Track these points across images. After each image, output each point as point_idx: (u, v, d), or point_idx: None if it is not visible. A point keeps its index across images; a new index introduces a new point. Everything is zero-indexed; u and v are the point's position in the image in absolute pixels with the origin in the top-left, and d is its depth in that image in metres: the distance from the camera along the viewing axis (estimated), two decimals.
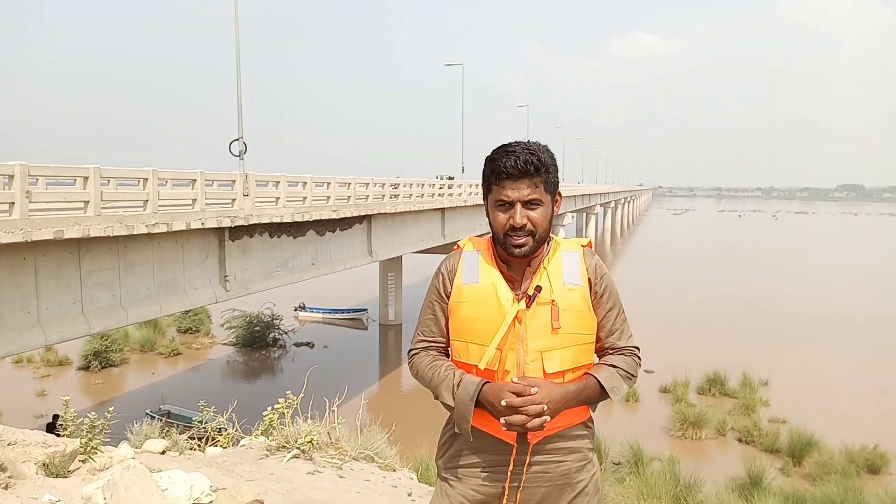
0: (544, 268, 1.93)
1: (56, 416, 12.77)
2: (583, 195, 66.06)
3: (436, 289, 2.03)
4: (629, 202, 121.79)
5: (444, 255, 2.13)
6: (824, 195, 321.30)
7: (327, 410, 5.82)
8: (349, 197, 18.06)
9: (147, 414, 15.85)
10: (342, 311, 32.00)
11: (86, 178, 9.98)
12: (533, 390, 1.77)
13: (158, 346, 25.37)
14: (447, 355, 2.03)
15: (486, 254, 2.00)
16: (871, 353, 24.09)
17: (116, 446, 5.54)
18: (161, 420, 13.50)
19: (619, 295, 2.00)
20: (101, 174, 10.12)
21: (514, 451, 1.90)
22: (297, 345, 26.79)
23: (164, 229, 11.28)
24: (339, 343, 27.54)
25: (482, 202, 2.08)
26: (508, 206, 1.89)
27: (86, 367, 22.50)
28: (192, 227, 12.01)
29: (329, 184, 17.05)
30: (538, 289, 1.88)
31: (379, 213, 20.11)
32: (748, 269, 47.66)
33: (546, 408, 1.75)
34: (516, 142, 1.92)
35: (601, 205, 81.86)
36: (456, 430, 1.93)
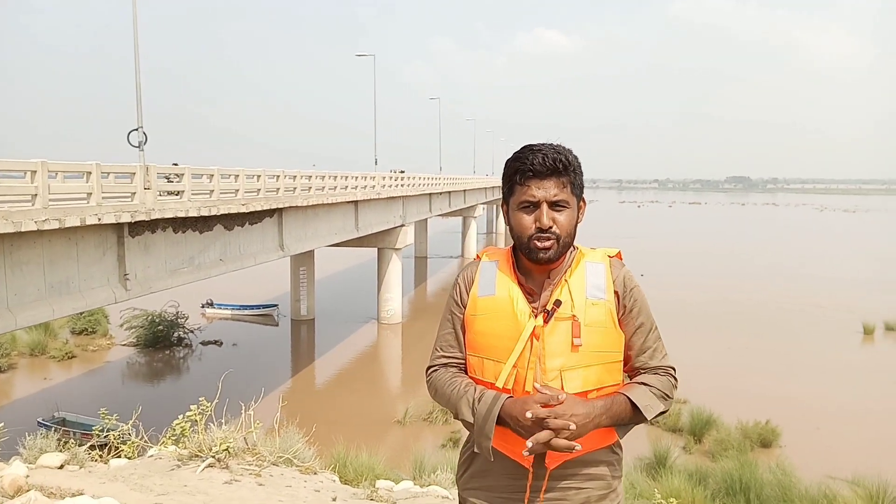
0: (566, 280, 1.81)
1: None
2: (493, 187, 67.12)
3: (453, 300, 1.93)
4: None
5: (358, 248, 2.04)
6: (715, 186, 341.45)
7: (242, 414, 5.59)
8: (259, 190, 17.46)
9: (40, 423, 14.79)
10: (252, 307, 31.05)
11: None
12: (561, 396, 1.65)
13: (50, 349, 23.68)
14: (468, 372, 1.90)
15: (505, 264, 1.89)
16: (754, 336, 25.87)
17: (7, 462, 5.09)
18: (56, 429, 12.62)
19: (650, 310, 1.85)
20: None
21: (531, 476, 1.79)
22: (205, 343, 25.76)
23: (55, 226, 10.48)
24: (249, 340, 26.70)
25: (396, 195, 1.97)
26: (533, 207, 1.77)
27: None
28: (88, 222, 11.21)
29: (237, 176, 16.41)
30: (557, 303, 1.76)
31: (290, 207, 19.58)
32: (648, 259, 50.02)
33: (573, 426, 1.62)
34: (541, 143, 1.81)
35: None
36: (475, 449, 1.79)
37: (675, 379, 1.85)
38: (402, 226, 31.32)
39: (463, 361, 1.91)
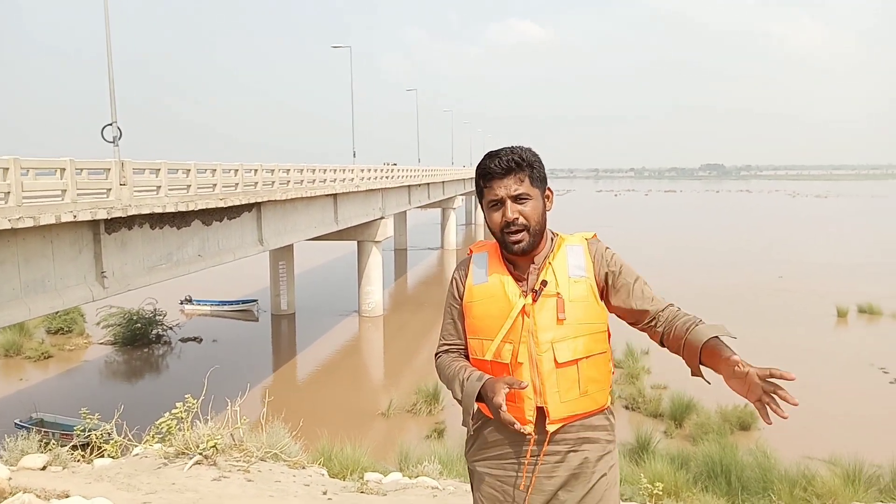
0: (549, 263, 2.00)
1: None
2: (471, 178, 67.00)
3: (451, 294, 2.15)
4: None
5: (338, 242, 2.15)
6: (689, 174, 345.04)
7: (228, 410, 5.55)
8: (237, 184, 17.27)
9: (17, 425, 14.55)
10: (231, 302, 30.80)
11: None
12: (523, 384, 1.81)
13: (25, 349, 23.26)
14: (468, 357, 2.11)
15: (494, 255, 2.09)
16: (730, 321, 26.25)
17: None
18: (35, 430, 12.42)
19: (632, 268, 2.05)
20: None
21: (532, 441, 1.98)
22: (184, 340, 25.49)
23: (30, 224, 10.28)
24: (229, 336, 26.48)
25: (375, 187, 2.11)
26: (499, 203, 1.99)
27: None
28: (63, 220, 11.01)
29: (215, 170, 16.21)
30: (543, 283, 1.96)
31: (269, 201, 19.41)
32: (624, 247, 50.46)
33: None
34: (500, 147, 2.03)
35: None
36: (462, 423, 2.03)
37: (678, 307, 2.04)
38: (382, 218, 31.21)
39: (463, 346, 2.12)
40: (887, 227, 65.39)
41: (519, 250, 1.97)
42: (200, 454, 4.84)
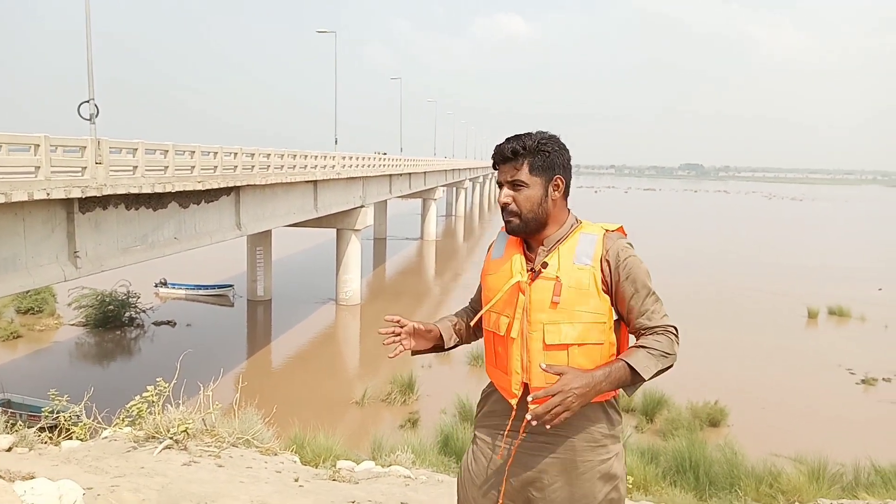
0: (558, 248, 2.05)
1: None
2: (453, 169, 67.05)
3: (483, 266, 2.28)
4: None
5: (317, 229, 2.16)
6: (669, 173, 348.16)
7: (200, 395, 5.50)
8: (216, 167, 17.04)
9: None
10: (207, 286, 30.47)
11: None
12: (556, 384, 1.85)
13: None
14: (475, 314, 2.30)
15: None
16: (702, 320, 26.64)
17: None
18: (2, 411, 12.20)
19: (648, 277, 2.03)
20: None
21: (514, 415, 2.06)
22: (157, 324, 25.18)
23: (1, 200, 10.04)
24: (203, 321, 26.22)
25: (356, 175, 2.14)
26: (500, 187, 2.11)
27: None
28: (36, 197, 10.77)
29: (193, 152, 15.97)
30: (544, 265, 2.03)
31: (248, 185, 19.19)
32: None
33: (548, 408, 1.83)
34: (516, 134, 2.10)
35: (470, 179, 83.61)
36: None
37: (676, 336, 2.00)
38: (362, 207, 31.05)
39: (472, 311, 2.35)
40: (859, 232, 66.69)
41: (511, 230, 2.09)
42: (171, 438, 4.79)
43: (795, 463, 10.37)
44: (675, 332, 2.00)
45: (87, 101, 13.81)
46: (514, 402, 2.04)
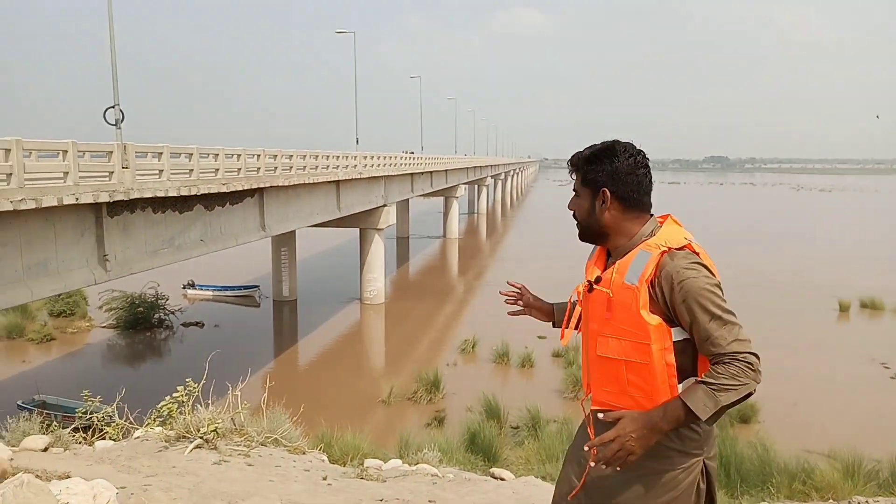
0: (617, 262, 2.08)
1: None
2: (474, 167, 66.94)
3: None
4: (518, 174, 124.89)
5: (340, 229, 2.15)
6: (693, 166, 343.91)
7: (229, 394, 5.55)
8: (239, 169, 17.22)
9: (20, 406, 14.59)
10: (233, 287, 30.84)
11: None
12: (610, 433, 1.92)
13: (28, 331, 23.34)
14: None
15: None
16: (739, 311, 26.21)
17: None
18: (38, 412, 12.46)
19: (712, 298, 1.94)
20: None
21: (585, 413, 2.21)
22: (186, 325, 25.54)
23: (32, 205, 10.24)
24: (230, 321, 26.54)
25: (378, 175, 2.16)
26: None
27: None
28: (66, 202, 10.98)
29: (217, 155, 16.15)
30: (598, 279, 2.09)
31: (271, 186, 19.36)
32: None
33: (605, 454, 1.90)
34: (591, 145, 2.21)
35: (492, 176, 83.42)
36: None
37: (747, 363, 1.89)
38: (384, 206, 31.15)
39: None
40: (890, 222, 65.20)
41: (578, 236, 2.20)
42: (201, 438, 4.84)
43: (829, 459, 10.18)
44: (744, 359, 1.89)
45: (113, 107, 14.03)
46: (586, 401, 2.19)
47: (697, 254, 2.02)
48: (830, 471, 9.12)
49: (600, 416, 1.97)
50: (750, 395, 1.90)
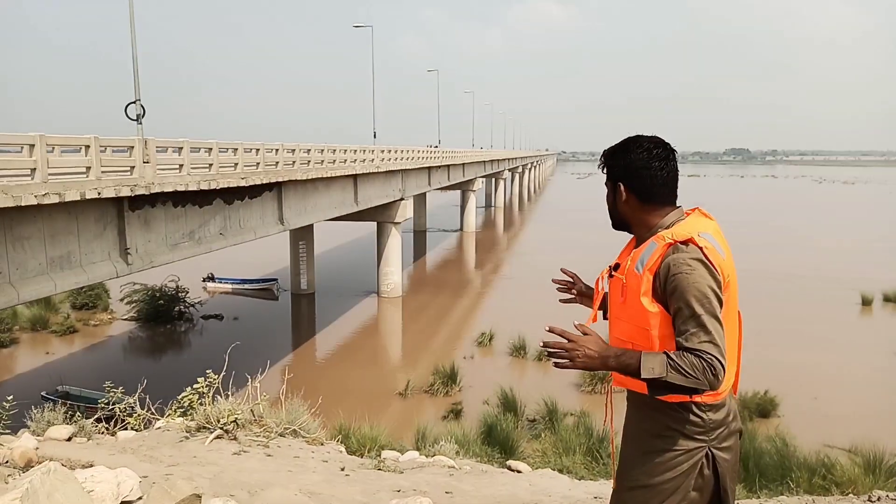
0: (634, 251, 2.19)
1: None
2: (492, 160, 66.75)
3: None
4: (535, 167, 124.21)
5: (357, 222, 2.18)
6: (714, 158, 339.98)
7: (248, 386, 5.62)
8: (258, 163, 17.34)
9: (44, 397, 14.87)
10: (252, 281, 31.11)
11: None
12: (577, 333, 2.02)
13: (52, 323, 23.75)
14: None
15: None
16: (752, 307, 25.96)
17: (16, 435, 5.14)
18: (61, 403, 12.69)
19: (698, 297, 1.97)
20: None
21: (609, 406, 2.38)
22: (206, 317, 25.83)
23: (55, 200, 10.41)
24: (249, 314, 26.79)
25: (395, 168, 2.22)
26: None
27: None
28: (88, 196, 11.14)
29: (236, 149, 16.28)
30: (616, 265, 2.22)
31: (289, 180, 19.48)
32: None
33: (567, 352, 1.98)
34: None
35: (509, 170, 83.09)
36: None
37: (710, 365, 1.91)
38: (402, 199, 31.20)
39: None
40: None
41: (612, 226, 2.32)
42: (221, 428, 4.92)
43: (850, 454, 10.08)
44: (706, 359, 1.91)
45: (134, 102, 14.19)
46: (608, 379, 2.31)
47: (702, 248, 2.02)
48: (851, 466, 9.02)
49: (575, 322, 2.08)
50: (694, 390, 1.95)
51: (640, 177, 2.15)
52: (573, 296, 2.67)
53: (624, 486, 2.22)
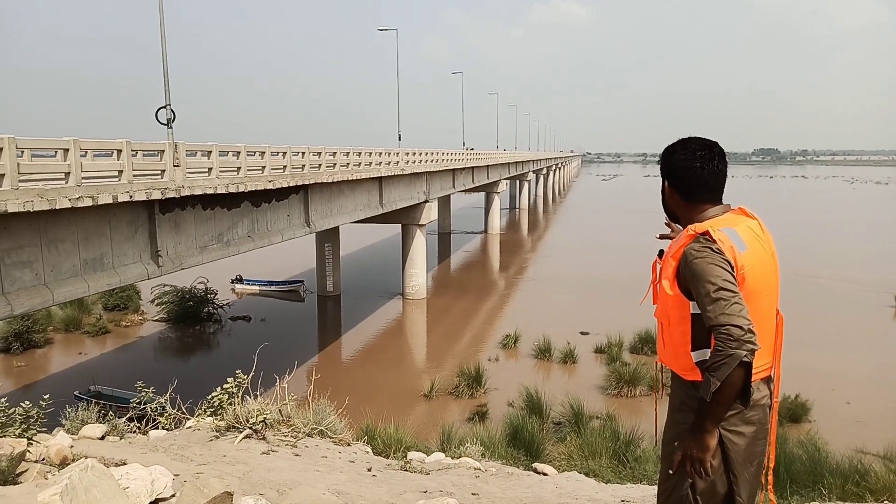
0: (673, 240, 2.40)
1: None
2: (516, 162, 66.59)
3: None
4: (560, 168, 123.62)
5: (382, 224, 2.23)
6: (742, 159, 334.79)
7: (276, 386, 5.69)
8: (285, 167, 17.53)
9: (77, 396, 15.20)
10: (279, 283, 31.44)
11: None
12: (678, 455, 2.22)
13: (85, 324, 24.28)
14: None
15: None
16: (784, 310, 25.49)
17: (52, 433, 5.26)
18: (94, 402, 12.95)
19: (711, 278, 2.12)
20: (16, 144, 9.42)
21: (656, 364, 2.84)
22: (234, 319, 26.17)
23: (89, 203, 10.65)
24: (276, 316, 27.07)
25: (419, 171, 2.31)
26: None
27: (6, 350, 21.34)
28: (120, 199, 11.38)
29: (263, 153, 16.49)
30: (661, 252, 2.42)
31: (316, 183, 19.66)
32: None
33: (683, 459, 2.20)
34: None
35: (534, 171, 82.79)
36: None
37: (727, 334, 2.04)
38: (426, 202, 31.28)
39: None
40: None
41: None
42: (250, 428, 4.98)
43: (885, 461, 9.84)
44: (726, 331, 2.05)
45: (165, 107, 14.44)
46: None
47: (717, 241, 2.18)
48: (886, 472, 8.80)
49: (670, 472, 2.27)
50: (746, 364, 2.05)
51: (683, 177, 2.37)
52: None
53: (662, 457, 2.47)
